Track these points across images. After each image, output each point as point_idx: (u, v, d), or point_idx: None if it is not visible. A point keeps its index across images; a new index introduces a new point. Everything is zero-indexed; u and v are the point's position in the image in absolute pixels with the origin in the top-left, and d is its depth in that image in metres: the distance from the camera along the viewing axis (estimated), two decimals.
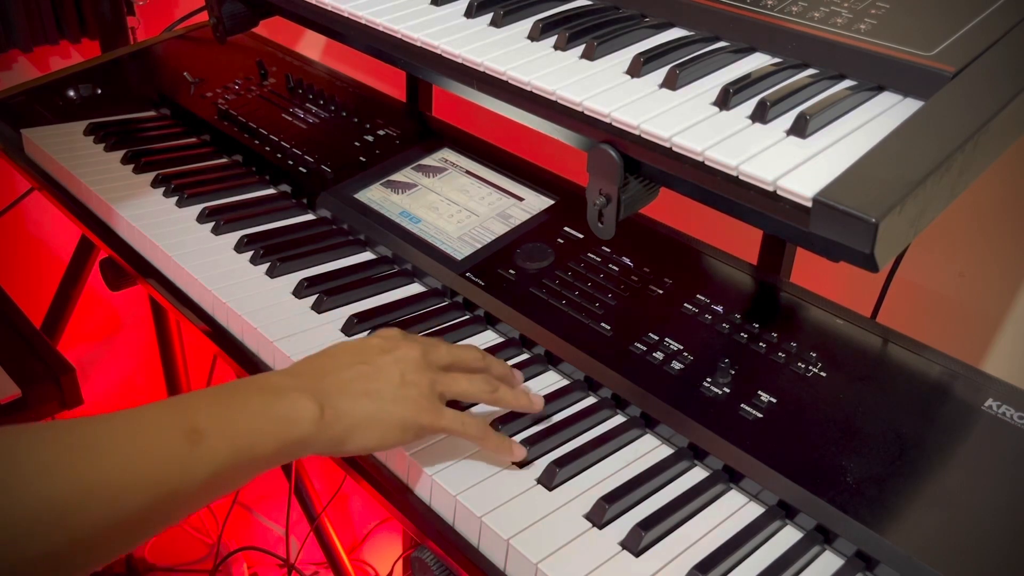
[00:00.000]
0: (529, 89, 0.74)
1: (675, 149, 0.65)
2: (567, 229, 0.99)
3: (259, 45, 1.46)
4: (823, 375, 0.78)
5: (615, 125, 0.68)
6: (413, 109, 1.32)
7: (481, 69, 0.77)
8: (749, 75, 0.70)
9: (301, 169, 1.15)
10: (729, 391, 0.78)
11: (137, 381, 2.18)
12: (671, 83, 0.71)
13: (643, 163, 0.68)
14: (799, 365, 0.79)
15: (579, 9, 0.85)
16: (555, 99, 0.72)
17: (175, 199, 1.11)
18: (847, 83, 0.70)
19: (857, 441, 0.72)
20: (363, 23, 0.87)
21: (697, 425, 0.76)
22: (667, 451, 0.78)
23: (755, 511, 0.72)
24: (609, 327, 0.86)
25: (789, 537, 0.70)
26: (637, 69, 0.73)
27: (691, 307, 0.87)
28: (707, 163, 0.63)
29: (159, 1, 1.82)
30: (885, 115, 0.66)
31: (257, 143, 1.21)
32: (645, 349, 0.83)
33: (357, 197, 1.09)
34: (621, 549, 0.68)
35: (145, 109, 1.36)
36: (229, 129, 1.25)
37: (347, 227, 1.07)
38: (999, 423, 0.73)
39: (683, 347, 0.83)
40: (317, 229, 1.08)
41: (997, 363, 1.03)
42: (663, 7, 0.82)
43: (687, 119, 0.66)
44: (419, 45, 0.82)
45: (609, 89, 0.71)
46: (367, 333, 0.89)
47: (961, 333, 1.06)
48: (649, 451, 0.78)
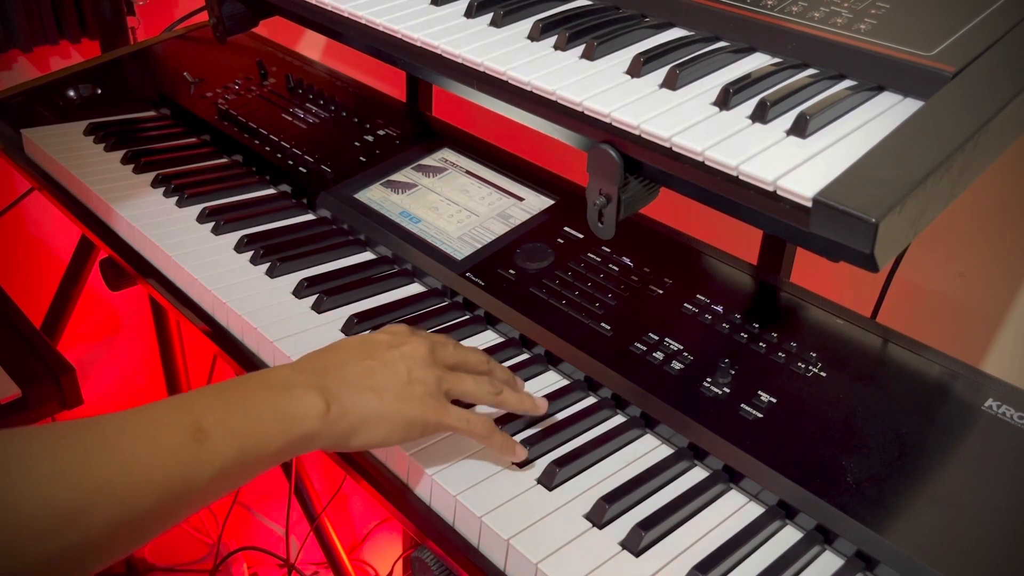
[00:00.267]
0: (529, 89, 0.74)
1: (675, 149, 0.65)
2: (567, 229, 0.99)
3: (259, 45, 1.46)
4: (823, 375, 0.78)
5: (615, 125, 0.68)
6: (413, 109, 1.32)
7: (481, 69, 0.77)
8: (749, 75, 0.70)
9: (301, 169, 1.15)
10: (729, 391, 0.78)
11: (137, 381, 2.18)
12: (671, 83, 0.71)
13: (643, 163, 0.68)
14: (799, 365, 0.79)
15: (579, 9, 0.85)
16: (555, 99, 0.72)
17: (175, 199, 1.11)
18: (847, 83, 0.70)
19: (857, 441, 0.72)
20: (363, 23, 0.87)
21: (697, 425, 0.76)
22: (667, 451, 0.78)
23: (755, 511, 0.72)
24: (609, 327, 0.86)
25: (789, 537, 0.70)
26: (637, 69, 0.73)
27: (691, 307, 0.87)
28: (707, 163, 0.63)
29: (159, 1, 1.82)
30: (885, 115, 0.66)
31: (257, 143, 1.21)
32: (645, 349, 0.83)
33: (357, 197, 1.09)
34: (621, 549, 0.68)
35: (145, 109, 1.36)
36: (229, 129, 1.25)
37: (347, 227, 1.07)
38: (999, 423, 0.73)
39: (683, 347, 0.83)
40: (317, 229, 1.08)
41: (997, 363, 1.03)
42: (663, 7, 0.82)
43: (687, 119, 0.66)
44: (419, 45, 0.82)
45: (609, 89, 0.71)
46: (367, 333, 0.89)
47: (961, 333, 1.06)
48: (649, 451, 0.78)
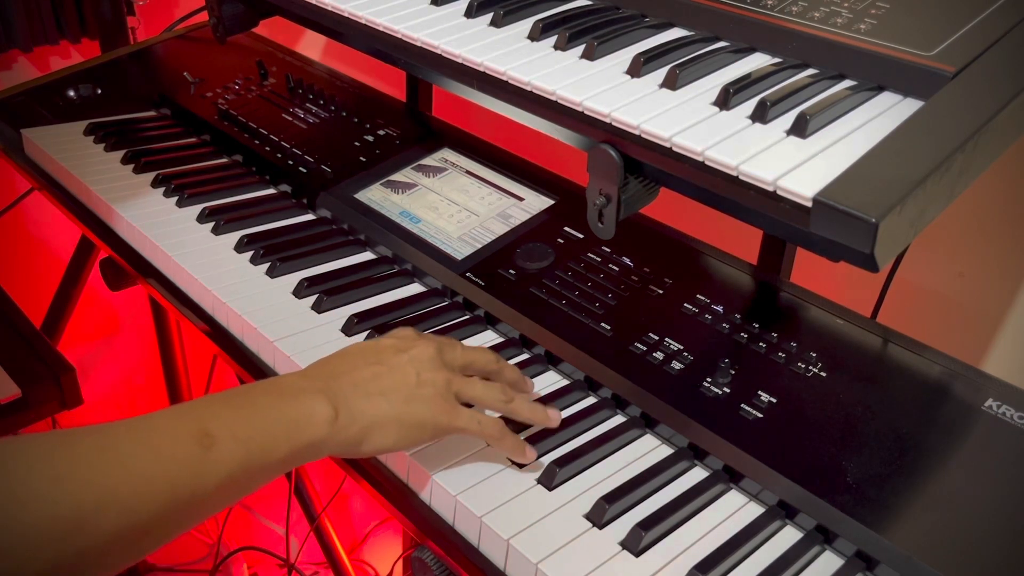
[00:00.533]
0: (529, 89, 0.74)
1: (675, 149, 0.64)
2: (567, 229, 0.99)
3: (259, 45, 1.46)
4: (823, 375, 0.78)
5: (615, 125, 0.68)
6: (413, 109, 1.32)
7: (481, 69, 0.77)
8: (749, 75, 0.70)
9: (301, 169, 1.15)
10: (729, 391, 0.78)
11: (137, 381, 2.18)
12: (671, 83, 0.71)
13: (643, 163, 0.68)
14: (799, 365, 0.79)
15: (579, 9, 0.85)
16: (555, 99, 0.72)
17: (175, 199, 1.11)
18: (847, 83, 0.70)
19: (857, 441, 0.72)
20: (363, 23, 0.87)
21: (697, 425, 0.76)
22: (667, 451, 0.78)
23: (755, 511, 0.72)
24: (609, 327, 0.86)
25: (789, 537, 0.70)
26: (637, 69, 0.73)
27: (691, 307, 0.87)
28: (707, 163, 0.63)
29: (159, 1, 1.82)
30: (885, 115, 0.66)
31: (257, 143, 1.21)
32: (645, 349, 0.83)
33: (357, 197, 1.09)
34: (621, 549, 0.68)
35: (145, 109, 1.36)
36: (229, 129, 1.25)
37: (347, 227, 1.07)
38: (999, 423, 0.73)
39: (683, 347, 0.82)
40: (317, 229, 1.08)
41: (997, 363, 1.03)
42: (663, 7, 0.82)
43: (687, 119, 0.66)
44: (419, 45, 0.82)
45: (609, 89, 0.71)
46: (367, 333, 0.89)
47: (961, 333, 1.06)
48: (649, 451, 0.78)
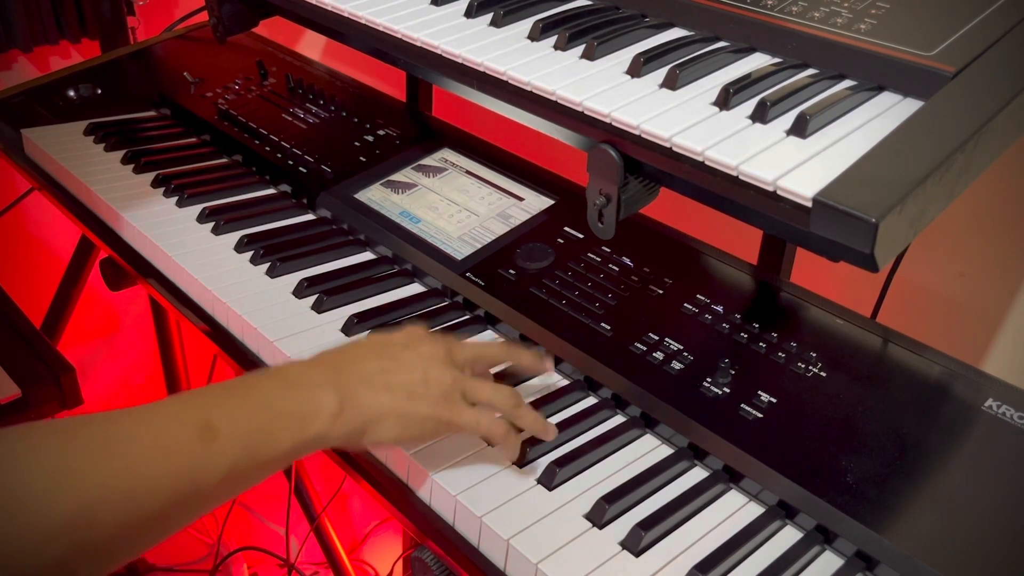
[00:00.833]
0: (529, 89, 0.74)
1: (675, 149, 0.64)
2: (567, 229, 0.99)
3: (259, 45, 1.46)
4: (823, 375, 0.78)
5: (615, 125, 0.68)
6: (413, 109, 1.32)
7: (481, 69, 0.77)
8: (749, 75, 0.70)
9: (301, 169, 1.15)
10: (729, 391, 0.78)
11: (137, 381, 2.18)
12: (671, 83, 0.71)
13: (643, 163, 0.68)
14: (799, 365, 0.79)
15: (579, 9, 0.85)
16: (555, 99, 0.72)
17: (175, 199, 1.11)
18: (847, 83, 0.70)
19: (857, 441, 0.72)
20: (363, 23, 0.87)
21: (697, 425, 0.76)
22: (667, 451, 0.78)
23: (755, 511, 0.72)
24: (609, 327, 0.86)
25: (789, 537, 0.70)
26: (637, 69, 0.73)
27: (691, 307, 0.87)
28: (707, 163, 0.63)
29: (159, 1, 1.82)
30: (885, 115, 0.66)
31: (257, 143, 1.21)
32: (645, 349, 0.83)
33: (357, 197, 1.09)
34: (621, 549, 0.68)
35: (145, 109, 1.36)
36: (229, 129, 1.25)
37: (347, 227, 1.07)
38: (999, 423, 0.73)
39: (683, 347, 0.82)
40: (317, 229, 1.08)
41: (997, 363, 1.03)
42: (663, 7, 0.82)
43: (687, 119, 0.66)
44: (419, 45, 0.82)
45: (609, 89, 0.71)
46: (367, 333, 0.89)
47: (961, 333, 1.06)
48: (649, 451, 0.78)
